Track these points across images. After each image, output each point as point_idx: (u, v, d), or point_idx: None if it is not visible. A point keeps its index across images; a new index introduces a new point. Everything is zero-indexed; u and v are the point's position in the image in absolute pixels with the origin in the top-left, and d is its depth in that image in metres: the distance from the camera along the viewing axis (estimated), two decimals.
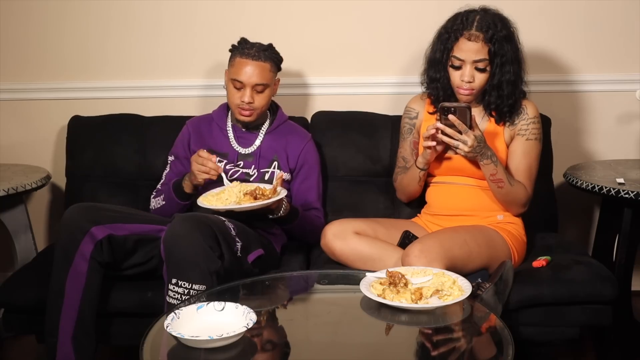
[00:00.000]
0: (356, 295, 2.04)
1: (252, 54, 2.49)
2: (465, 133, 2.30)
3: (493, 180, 2.41)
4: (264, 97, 2.52)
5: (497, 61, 2.40)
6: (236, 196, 2.38)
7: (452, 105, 2.31)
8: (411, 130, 2.61)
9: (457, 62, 2.42)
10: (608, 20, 2.97)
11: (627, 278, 2.69)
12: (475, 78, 2.41)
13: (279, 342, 1.98)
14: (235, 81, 2.50)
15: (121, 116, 2.92)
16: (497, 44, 2.38)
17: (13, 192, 2.66)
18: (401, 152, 2.63)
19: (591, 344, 2.78)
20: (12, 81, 3.05)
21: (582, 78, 3.01)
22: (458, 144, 2.31)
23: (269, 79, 2.51)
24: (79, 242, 2.23)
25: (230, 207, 2.33)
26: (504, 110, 2.47)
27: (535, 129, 2.49)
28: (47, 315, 2.26)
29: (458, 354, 1.90)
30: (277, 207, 2.45)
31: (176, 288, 2.14)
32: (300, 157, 2.62)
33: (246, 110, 2.51)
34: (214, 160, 2.41)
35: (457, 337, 1.99)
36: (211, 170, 2.41)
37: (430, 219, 2.57)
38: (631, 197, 2.51)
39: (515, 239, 2.47)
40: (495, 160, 2.38)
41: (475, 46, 2.38)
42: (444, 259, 2.23)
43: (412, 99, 2.65)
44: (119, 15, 2.99)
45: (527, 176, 2.48)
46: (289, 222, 2.53)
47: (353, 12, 2.97)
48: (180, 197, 2.52)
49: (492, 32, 2.38)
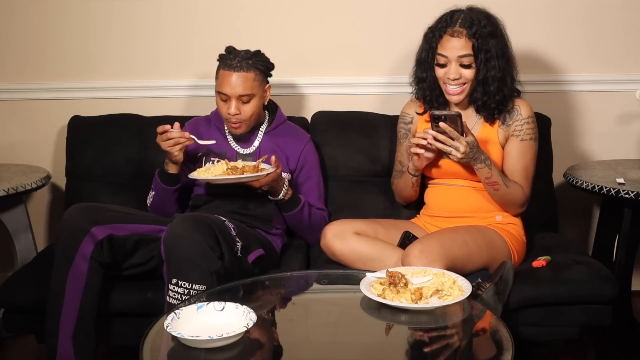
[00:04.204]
0: (356, 295, 2.04)
1: (234, 65, 2.45)
2: (457, 140, 2.29)
3: (488, 183, 2.41)
4: (251, 107, 2.49)
5: (481, 57, 2.37)
6: (222, 171, 2.41)
7: (443, 113, 2.30)
8: (406, 135, 2.60)
9: (442, 60, 2.41)
10: (608, 20, 2.97)
11: (627, 278, 2.70)
12: (461, 75, 2.39)
13: (279, 342, 1.98)
14: (220, 94, 2.48)
15: (121, 116, 2.92)
16: (480, 40, 2.36)
17: (13, 192, 2.66)
18: (398, 156, 2.63)
19: (591, 344, 2.78)
20: (12, 81, 3.05)
21: (582, 78, 3.01)
22: (451, 151, 2.31)
23: (253, 89, 2.47)
24: (80, 242, 2.23)
25: (207, 178, 2.38)
26: (491, 107, 2.44)
27: (530, 129, 2.47)
28: (47, 315, 2.26)
29: (458, 354, 1.90)
30: (275, 189, 2.46)
31: (176, 288, 2.14)
32: (300, 158, 2.62)
33: (234, 123, 2.50)
34: (174, 128, 2.39)
35: (457, 337, 1.99)
36: (179, 138, 2.39)
37: (429, 220, 2.57)
38: (631, 197, 2.51)
39: (514, 239, 2.47)
40: (489, 164, 2.37)
41: (459, 42, 2.37)
42: (444, 259, 2.23)
43: (407, 104, 2.64)
44: (119, 15, 2.99)
45: (523, 177, 2.47)
46: (291, 208, 2.54)
47: (352, 13, 2.97)
48: (166, 182, 2.49)
49: (475, 28, 2.36)
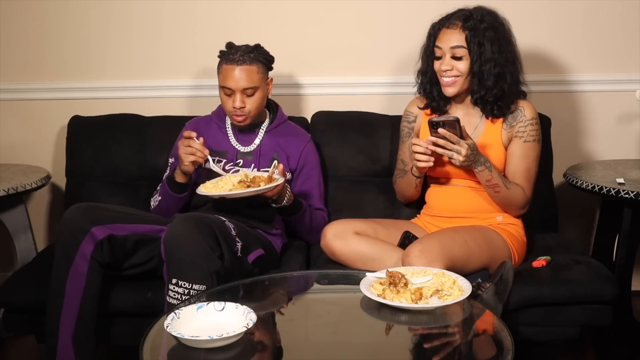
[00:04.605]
0: (356, 295, 2.04)
1: (237, 59, 2.46)
2: (458, 143, 2.29)
3: (489, 185, 2.40)
4: (255, 99, 2.51)
5: (474, 49, 2.37)
6: (232, 184, 2.39)
7: (441, 119, 2.30)
8: (410, 133, 2.60)
9: (438, 52, 2.42)
10: (608, 20, 2.97)
11: (627, 278, 2.70)
12: (454, 67, 2.39)
13: (279, 342, 1.98)
14: (224, 88, 2.49)
15: (121, 116, 2.92)
16: (473, 32, 2.36)
17: (13, 192, 2.66)
18: (400, 154, 2.63)
19: (591, 344, 2.78)
20: (12, 81, 3.05)
21: (582, 78, 3.01)
22: (452, 154, 2.30)
23: (257, 82, 2.49)
24: (80, 242, 2.23)
25: (221, 194, 2.34)
26: (489, 101, 2.43)
27: (534, 130, 2.47)
28: (47, 315, 2.25)
29: (458, 354, 1.90)
30: (279, 196, 2.45)
31: (176, 288, 2.14)
32: (300, 158, 2.62)
33: (239, 116, 2.51)
34: (200, 142, 2.40)
35: (457, 337, 1.99)
36: (197, 151, 2.40)
37: (430, 220, 2.57)
38: (631, 197, 2.51)
39: (515, 240, 2.47)
40: (489, 166, 2.37)
41: (452, 34, 2.39)
42: (444, 259, 2.23)
43: (410, 103, 2.64)
44: (119, 15, 2.99)
45: (525, 178, 2.46)
46: (292, 213, 2.54)
47: (352, 12, 2.97)
48: (174, 189, 2.50)
49: (472, 21, 2.37)
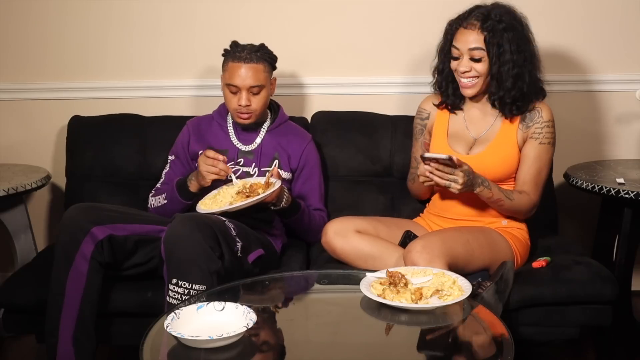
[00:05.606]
0: (356, 295, 2.03)
1: (244, 57, 2.47)
2: (453, 173, 2.26)
3: (492, 202, 2.39)
4: (261, 98, 2.51)
5: (493, 51, 2.35)
6: (230, 196, 2.39)
7: (433, 157, 2.26)
8: (422, 131, 2.59)
9: (456, 53, 2.41)
10: (608, 20, 2.97)
11: (627, 278, 2.70)
12: (472, 68, 2.38)
13: (279, 342, 1.98)
14: (230, 86, 2.49)
15: (121, 116, 2.92)
16: (492, 33, 2.34)
17: (13, 192, 2.66)
18: (413, 152, 2.63)
19: (591, 344, 2.78)
20: (12, 81, 3.05)
21: (582, 78, 3.01)
22: (450, 184, 2.27)
23: (263, 80, 2.50)
24: (80, 242, 2.23)
25: (223, 209, 2.33)
26: (506, 102, 2.41)
27: (549, 132, 2.45)
28: (47, 315, 2.25)
29: (458, 354, 1.90)
30: (278, 199, 2.45)
31: (176, 288, 2.14)
32: (301, 158, 2.62)
33: (244, 114, 2.51)
34: (223, 160, 2.41)
35: (457, 337, 1.99)
36: (221, 171, 2.41)
37: (434, 219, 2.57)
38: (631, 197, 2.51)
39: (519, 242, 2.46)
40: (487, 185, 2.35)
41: (471, 35, 2.36)
42: (445, 256, 2.22)
43: (424, 100, 2.61)
44: (119, 15, 2.99)
45: (535, 181, 2.44)
46: (291, 214, 2.54)
47: (353, 12, 2.97)
48: (185, 197, 2.51)
49: (490, 22, 2.34)
